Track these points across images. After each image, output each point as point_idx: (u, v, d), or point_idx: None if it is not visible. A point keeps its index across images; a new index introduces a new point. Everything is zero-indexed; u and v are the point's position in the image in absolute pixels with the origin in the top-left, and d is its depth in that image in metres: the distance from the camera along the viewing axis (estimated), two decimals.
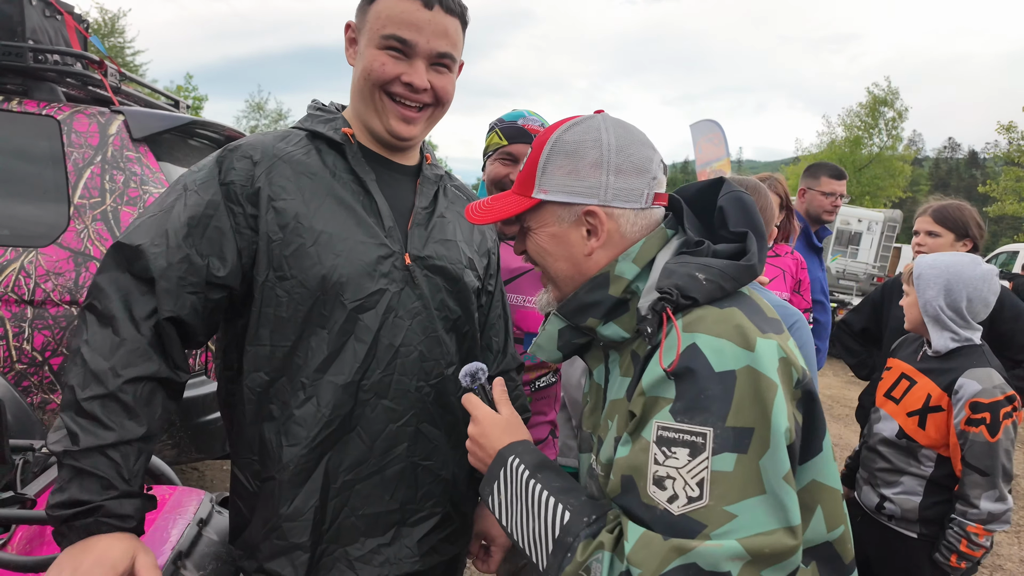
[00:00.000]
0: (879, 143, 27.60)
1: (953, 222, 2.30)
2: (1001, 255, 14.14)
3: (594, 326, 0.91)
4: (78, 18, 2.81)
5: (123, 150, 2.35)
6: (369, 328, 1.08)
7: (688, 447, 0.73)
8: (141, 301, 0.98)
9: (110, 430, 0.91)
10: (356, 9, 1.14)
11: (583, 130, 0.91)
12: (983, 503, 1.70)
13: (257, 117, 34.98)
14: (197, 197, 1.04)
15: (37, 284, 2.21)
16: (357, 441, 1.10)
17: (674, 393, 0.75)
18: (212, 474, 3.58)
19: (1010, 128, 20.31)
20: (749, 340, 0.76)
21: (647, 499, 0.74)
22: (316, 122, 1.16)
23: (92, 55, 2.55)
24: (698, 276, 0.81)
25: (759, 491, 0.71)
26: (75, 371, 0.94)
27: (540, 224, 0.94)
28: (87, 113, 2.36)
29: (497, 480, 0.91)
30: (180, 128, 2.55)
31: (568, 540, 0.79)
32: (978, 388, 1.73)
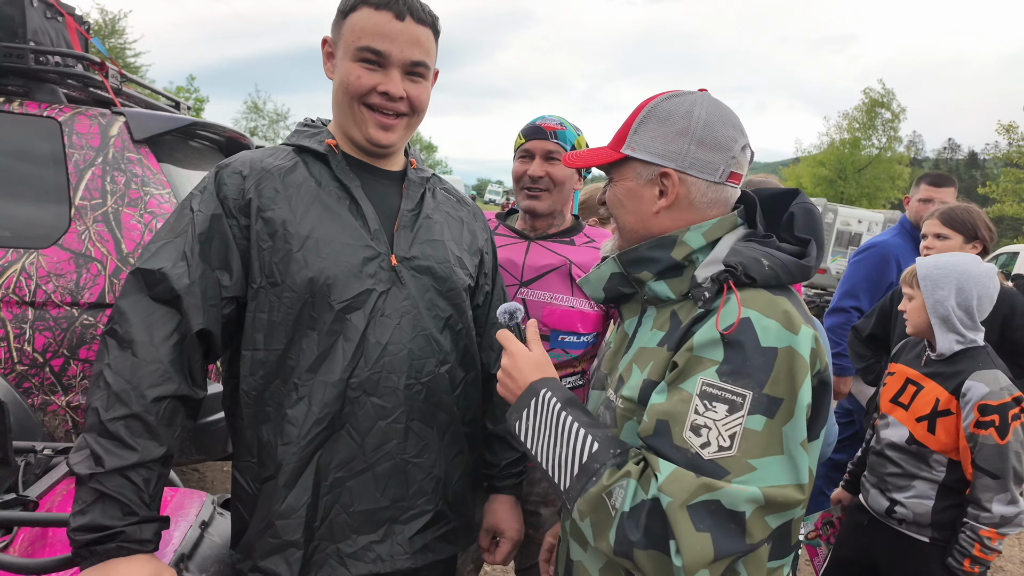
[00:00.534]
0: (877, 144, 27.61)
1: (962, 224, 2.30)
2: (1001, 256, 14.13)
3: (646, 279, 1.01)
4: (79, 20, 2.81)
5: (124, 151, 2.35)
6: (356, 327, 1.12)
7: (728, 404, 0.83)
8: (161, 322, 1.02)
9: (133, 451, 0.95)
10: (332, 24, 1.19)
11: (679, 102, 1.01)
12: (995, 506, 1.69)
13: (255, 118, 34.93)
14: (203, 215, 1.09)
15: (38, 285, 2.21)
16: (347, 439, 1.13)
17: (722, 356, 0.85)
18: (213, 475, 3.58)
19: (1010, 129, 20.33)
20: (794, 325, 0.87)
21: (680, 442, 0.84)
22: (302, 137, 1.22)
23: (93, 56, 2.55)
24: (763, 261, 0.91)
25: (778, 451, 0.82)
26: (98, 394, 0.97)
27: (621, 177, 1.04)
28: (88, 115, 2.36)
29: (527, 408, 1.00)
30: (181, 129, 2.55)
31: (595, 466, 0.88)
32: (986, 390, 1.72)
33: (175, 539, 1.23)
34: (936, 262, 1.87)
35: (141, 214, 2.32)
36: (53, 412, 2.25)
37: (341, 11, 1.15)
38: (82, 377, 2.25)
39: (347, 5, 1.14)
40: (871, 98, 27.45)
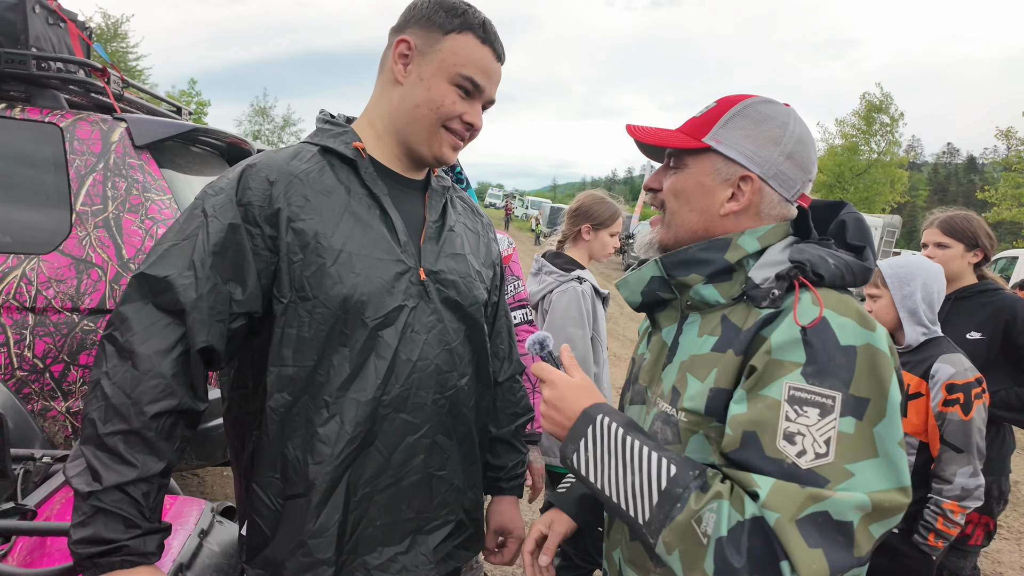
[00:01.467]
0: (876, 149, 27.63)
1: (962, 232, 2.30)
2: (1000, 260, 14.14)
3: (694, 283, 0.97)
4: (81, 25, 2.82)
5: (125, 157, 2.36)
6: (389, 344, 1.10)
7: (819, 407, 0.78)
8: (164, 333, 0.97)
9: (133, 467, 0.93)
10: (414, 29, 1.14)
11: (776, 109, 0.98)
12: (958, 479, 1.82)
13: (260, 122, 34.94)
14: (218, 223, 1.03)
15: (39, 291, 2.21)
16: (376, 455, 1.11)
17: (804, 358, 0.80)
18: (212, 480, 3.57)
19: (1008, 134, 20.35)
20: (869, 322, 0.83)
21: (774, 452, 0.79)
22: (326, 136, 1.17)
23: (95, 63, 2.56)
24: (828, 260, 0.89)
25: (873, 454, 0.77)
26: (96, 404, 0.94)
27: (697, 168, 0.98)
28: (90, 120, 2.37)
29: (584, 437, 0.91)
30: (182, 135, 2.55)
31: (678, 491, 0.81)
32: (952, 371, 1.86)
33: (174, 548, 1.22)
34: (899, 262, 2.00)
35: (142, 220, 2.32)
36: (53, 418, 2.25)
37: (439, 25, 1.12)
38: (82, 383, 2.25)
39: (449, 23, 1.12)
40: (869, 103, 27.49)
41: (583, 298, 2.26)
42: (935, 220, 2.38)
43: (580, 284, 2.29)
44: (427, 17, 1.13)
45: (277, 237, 1.05)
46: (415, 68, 1.14)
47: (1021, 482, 5.16)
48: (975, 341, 2.26)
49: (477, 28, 1.13)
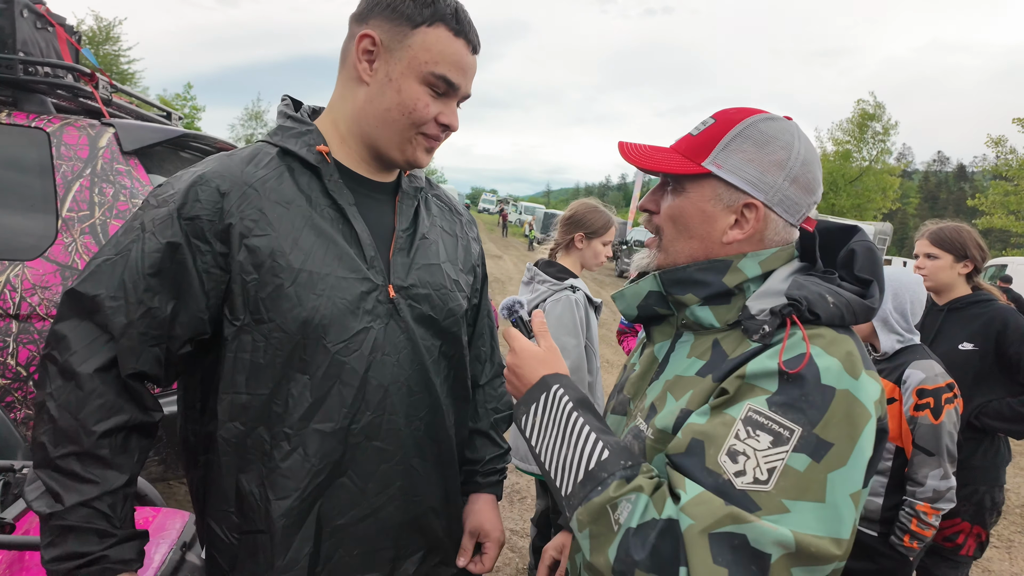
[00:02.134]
0: (868, 157, 27.85)
1: (951, 244, 2.32)
2: (990, 268, 14.28)
3: (690, 303, 0.94)
4: (70, 30, 2.80)
5: (113, 163, 2.33)
6: (356, 371, 1.02)
7: (773, 435, 0.76)
8: (103, 351, 0.93)
9: (93, 483, 0.90)
10: (378, 21, 1.02)
11: (780, 128, 0.92)
12: (929, 481, 1.87)
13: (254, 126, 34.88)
14: (155, 241, 0.95)
15: (23, 298, 2.18)
16: (349, 485, 1.05)
17: (775, 388, 0.79)
18: None
19: (999, 142, 20.55)
20: (856, 369, 0.80)
21: (713, 465, 0.77)
22: (287, 136, 1.07)
23: (83, 67, 2.54)
24: (827, 298, 0.85)
25: (819, 499, 0.74)
26: (44, 427, 0.91)
27: (697, 194, 0.93)
28: (77, 125, 2.35)
29: (536, 403, 0.93)
30: (171, 141, 2.53)
31: (602, 475, 0.82)
32: (923, 376, 1.92)
33: (155, 561, 1.20)
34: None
35: None
36: None
37: (406, 16, 1.01)
38: None
39: (418, 15, 1.01)
40: (862, 111, 27.71)
41: (576, 307, 2.26)
42: (926, 232, 2.41)
43: (573, 293, 2.29)
44: (392, 7, 1.01)
45: (228, 254, 0.97)
46: (382, 66, 1.03)
47: (1012, 490, 5.18)
48: (968, 352, 2.27)
49: (449, 18, 1.01)
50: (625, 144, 1.00)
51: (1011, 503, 4.88)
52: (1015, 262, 13.47)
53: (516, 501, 3.84)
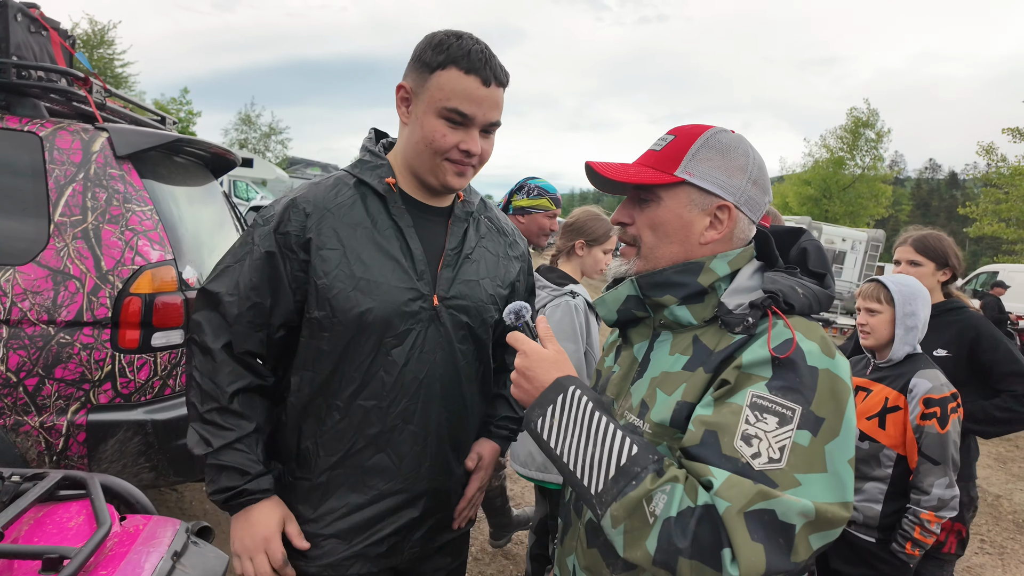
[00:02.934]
0: (860, 164, 28.04)
1: (934, 252, 2.40)
2: (981, 275, 14.39)
3: (668, 304, 1.01)
4: (64, 34, 2.79)
5: (106, 167, 2.32)
6: (396, 363, 1.25)
7: (778, 417, 0.84)
8: (225, 334, 1.24)
9: (231, 430, 1.23)
10: (409, 72, 1.25)
11: (736, 138, 1.03)
12: (935, 490, 1.89)
13: (246, 130, 34.82)
14: (259, 251, 1.24)
15: (14, 303, 2.17)
16: (387, 461, 1.28)
17: (771, 373, 0.87)
18: (192, 495, 3.50)
19: (989, 150, 20.72)
20: (831, 350, 0.90)
21: (730, 451, 0.83)
22: (365, 169, 1.31)
23: (77, 71, 2.53)
24: (798, 290, 0.95)
25: (822, 469, 0.82)
26: (193, 392, 1.25)
27: (673, 201, 1.01)
28: (70, 130, 2.34)
29: (553, 404, 0.96)
30: (165, 145, 2.53)
31: (635, 470, 0.86)
32: (929, 386, 1.94)
33: (146, 571, 1.19)
34: (904, 280, 2.09)
35: (122, 231, 2.28)
36: (26, 433, 2.20)
37: (426, 64, 1.20)
38: (57, 397, 2.20)
39: (434, 61, 1.19)
40: (856, 118, 27.91)
41: (576, 312, 2.26)
42: (908, 238, 2.48)
43: (573, 299, 2.29)
44: (418, 58, 1.22)
45: (308, 261, 1.22)
46: (414, 109, 1.24)
47: (1004, 496, 5.21)
48: (941, 358, 2.34)
49: (460, 60, 1.18)
50: (595, 163, 1.05)
51: (1003, 509, 4.90)
52: (1008, 268, 13.57)
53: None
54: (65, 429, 2.21)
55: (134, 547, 1.24)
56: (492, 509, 3.19)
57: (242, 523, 1.26)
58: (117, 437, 2.24)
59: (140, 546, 1.26)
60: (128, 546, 1.23)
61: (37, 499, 1.33)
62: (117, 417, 2.25)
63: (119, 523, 1.29)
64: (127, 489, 1.51)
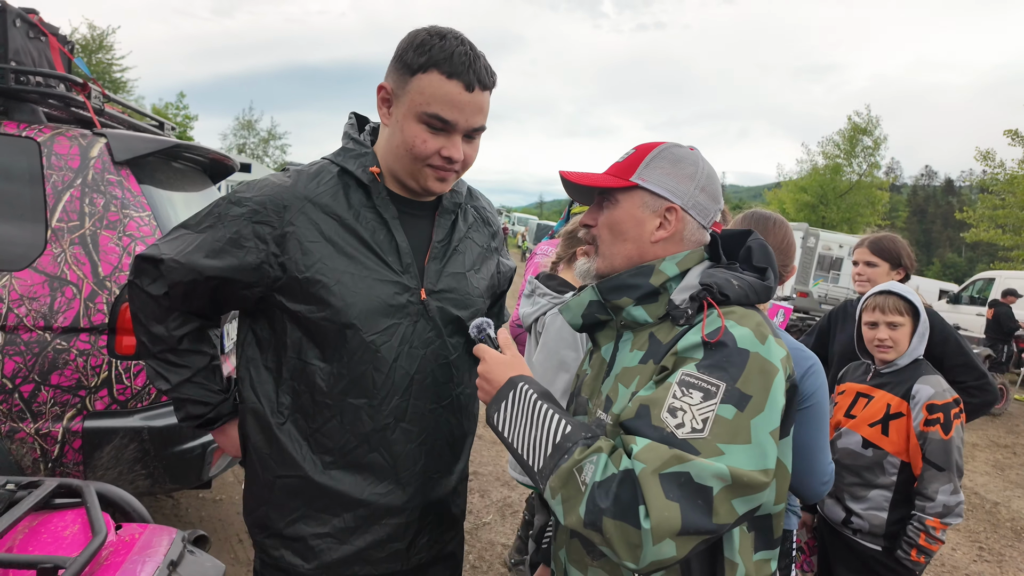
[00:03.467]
0: (857, 171, 28.11)
1: (888, 253, 2.52)
2: (978, 282, 14.42)
3: (625, 305, 1.10)
4: (63, 39, 2.79)
5: (104, 173, 2.32)
6: (386, 359, 1.22)
7: (703, 392, 0.92)
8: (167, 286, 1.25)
9: (186, 367, 1.30)
10: (391, 72, 1.19)
11: (687, 152, 1.13)
12: (940, 496, 1.89)
13: (245, 135, 34.84)
14: (224, 230, 1.20)
15: (10, 309, 2.16)
16: (380, 461, 1.25)
17: (702, 355, 0.95)
18: (187, 502, 3.48)
19: (987, 156, 20.76)
20: (764, 335, 0.98)
21: (657, 422, 0.92)
22: (348, 157, 1.25)
23: (75, 77, 2.53)
24: (733, 282, 1.03)
25: (746, 440, 0.89)
26: (141, 331, 1.29)
27: (628, 203, 1.12)
28: (68, 135, 2.33)
29: (505, 400, 1.07)
30: (164, 151, 2.52)
31: (567, 445, 0.95)
32: (932, 392, 1.95)
33: None
34: (906, 289, 2.10)
35: (120, 237, 2.28)
36: (21, 440, 2.18)
37: (407, 65, 1.15)
38: (53, 403, 2.19)
39: (415, 62, 1.14)
40: (855, 124, 27.97)
41: None
42: (865, 240, 2.59)
43: None
44: (399, 58, 1.18)
45: (284, 257, 1.18)
46: (394, 111, 1.20)
47: (1002, 503, 5.20)
48: None
49: (443, 63, 1.13)
50: (566, 171, 1.17)
51: (1001, 516, 4.90)
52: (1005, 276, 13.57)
53: (508, 515, 3.81)
54: (61, 436, 2.19)
55: (130, 556, 1.23)
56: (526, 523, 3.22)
57: (220, 437, 1.38)
58: (113, 444, 2.23)
59: (136, 555, 1.25)
60: (124, 555, 1.22)
61: (32, 507, 1.32)
62: (113, 424, 2.24)
63: (115, 532, 1.28)
64: (123, 497, 1.49)
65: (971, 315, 12.69)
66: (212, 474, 2.49)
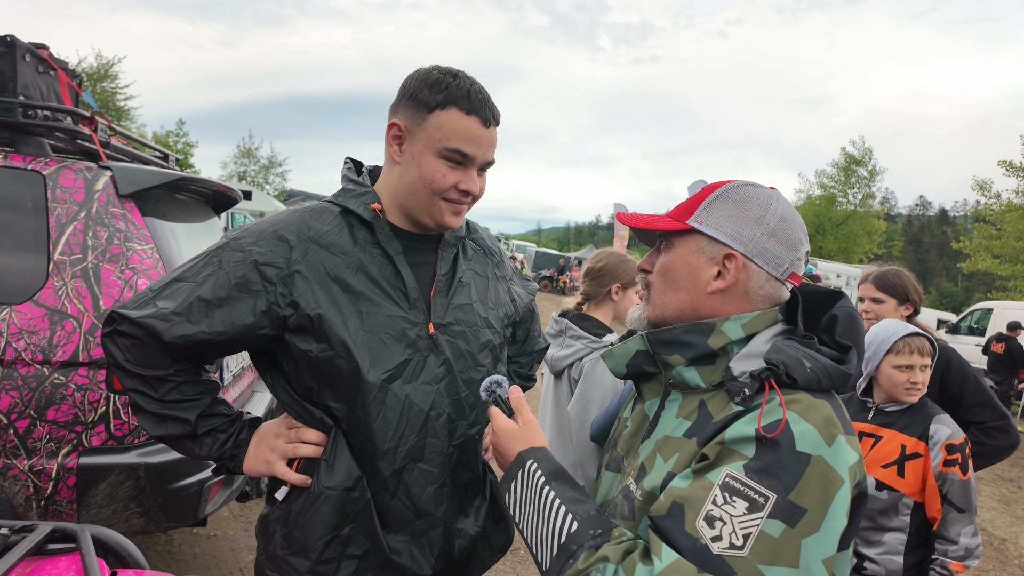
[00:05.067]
0: (852, 201, 28.41)
1: (894, 288, 2.43)
2: (976, 312, 14.44)
3: (676, 364, 0.97)
4: (71, 73, 2.82)
5: (108, 206, 2.32)
6: (398, 396, 1.19)
7: (749, 502, 0.78)
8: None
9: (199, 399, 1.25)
10: (402, 109, 1.20)
11: (758, 191, 1.00)
12: (962, 539, 1.84)
13: (246, 163, 35.12)
14: (227, 278, 1.16)
15: (8, 343, 2.13)
16: (400, 507, 1.21)
17: (752, 453, 0.81)
18: (181, 539, 3.40)
19: (984, 186, 20.95)
20: (832, 435, 0.83)
21: (691, 529, 0.80)
22: (349, 197, 1.26)
23: (83, 111, 2.55)
24: (804, 363, 0.88)
25: (793, 564, 0.76)
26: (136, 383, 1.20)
27: (683, 248, 1.01)
28: (74, 168, 2.34)
29: (514, 480, 1.00)
30: (168, 184, 2.53)
31: (572, 548, 0.86)
32: (949, 432, 1.90)
33: None
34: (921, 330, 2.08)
35: (122, 270, 2.27)
36: (14, 477, 2.14)
37: (423, 103, 1.16)
38: (48, 439, 2.15)
39: (433, 100, 1.16)
40: (849, 155, 28.36)
41: None
42: (870, 275, 2.51)
43: None
44: (413, 96, 1.18)
45: (293, 297, 1.16)
46: (408, 147, 1.20)
47: (1009, 540, 5.11)
48: None
49: (461, 100, 1.16)
50: (623, 214, 1.10)
51: (1010, 553, 4.81)
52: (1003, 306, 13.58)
53: (509, 553, 3.73)
54: (55, 473, 2.15)
55: None
56: None
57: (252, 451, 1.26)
58: (108, 481, 2.19)
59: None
60: None
61: (26, 553, 1.28)
62: (109, 461, 2.19)
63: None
64: (119, 542, 1.45)
65: (970, 345, 12.66)
66: (208, 511, 2.44)
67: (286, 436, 1.23)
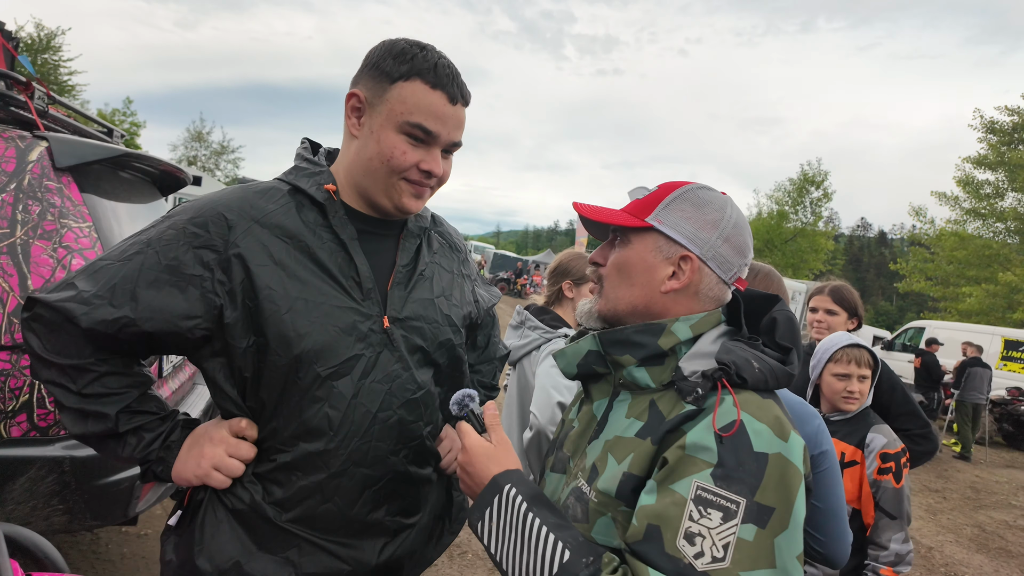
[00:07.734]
0: (803, 219, 29.50)
1: (848, 303, 2.60)
2: (910, 330, 15.19)
3: (627, 364, 0.98)
4: (7, 35, 2.62)
5: (43, 179, 2.15)
6: (343, 395, 1.08)
7: (722, 511, 0.79)
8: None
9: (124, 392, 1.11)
10: (363, 80, 1.11)
11: (715, 196, 1.02)
12: (893, 544, 1.91)
13: (196, 147, 33.86)
14: (156, 259, 1.05)
15: None
16: (335, 511, 1.10)
17: (716, 459, 0.82)
18: (108, 537, 3.20)
19: (919, 212, 22.24)
20: (785, 431, 0.85)
21: (673, 551, 0.79)
22: (300, 176, 1.16)
23: (18, 75, 2.36)
24: (753, 363, 0.90)
25: (770, 564, 0.78)
26: (55, 373, 1.08)
27: (640, 245, 1.01)
28: (4, 136, 2.16)
29: (490, 507, 0.93)
30: (111, 159, 2.37)
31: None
32: (885, 441, 1.98)
33: None
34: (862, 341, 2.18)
35: (55, 248, 2.10)
36: None
37: (386, 73, 1.08)
38: None
39: (396, 71, 1.07)
40: (805, 174, 29.41)
41: None
42: (826, 287, 2.67)
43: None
44: (376, 65, 1.10)
45: (227, 282, 1.05)
46: (367, 121, 1.11)
47: (935, 548, 5.35)
48: None
49: (426, 73, 1.07)
50: (579, 203, 1.07)
51: (935, 561, 5.03)
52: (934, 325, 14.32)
53: (456, 556, 3.66)
54: None
55: None
56: None
57: (183, 455, 1.11)
58: (28, 475, 2.02)
59: None
60: None
61: None
62: (30, 453, 2.02)
63: None
64: (34, 542, 1.33)
65: (903, 361, 13.29)
66: (139, 509, 2.28)
67: (226, 444, 1.09)
